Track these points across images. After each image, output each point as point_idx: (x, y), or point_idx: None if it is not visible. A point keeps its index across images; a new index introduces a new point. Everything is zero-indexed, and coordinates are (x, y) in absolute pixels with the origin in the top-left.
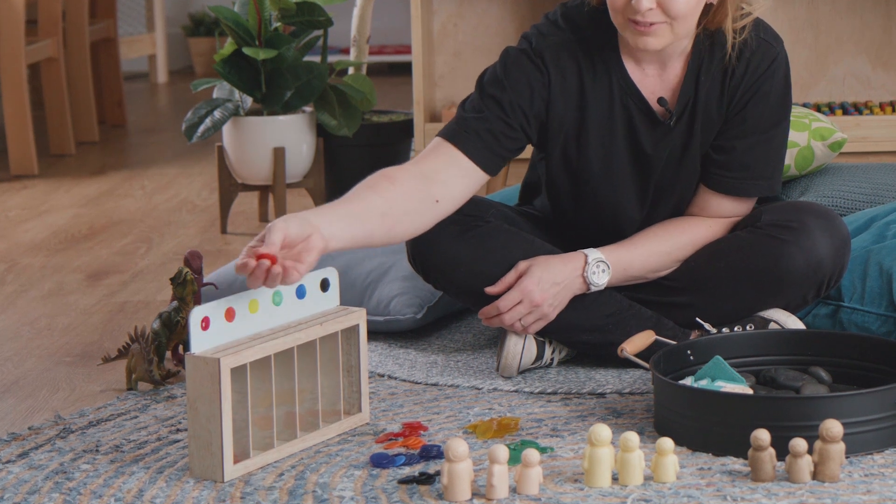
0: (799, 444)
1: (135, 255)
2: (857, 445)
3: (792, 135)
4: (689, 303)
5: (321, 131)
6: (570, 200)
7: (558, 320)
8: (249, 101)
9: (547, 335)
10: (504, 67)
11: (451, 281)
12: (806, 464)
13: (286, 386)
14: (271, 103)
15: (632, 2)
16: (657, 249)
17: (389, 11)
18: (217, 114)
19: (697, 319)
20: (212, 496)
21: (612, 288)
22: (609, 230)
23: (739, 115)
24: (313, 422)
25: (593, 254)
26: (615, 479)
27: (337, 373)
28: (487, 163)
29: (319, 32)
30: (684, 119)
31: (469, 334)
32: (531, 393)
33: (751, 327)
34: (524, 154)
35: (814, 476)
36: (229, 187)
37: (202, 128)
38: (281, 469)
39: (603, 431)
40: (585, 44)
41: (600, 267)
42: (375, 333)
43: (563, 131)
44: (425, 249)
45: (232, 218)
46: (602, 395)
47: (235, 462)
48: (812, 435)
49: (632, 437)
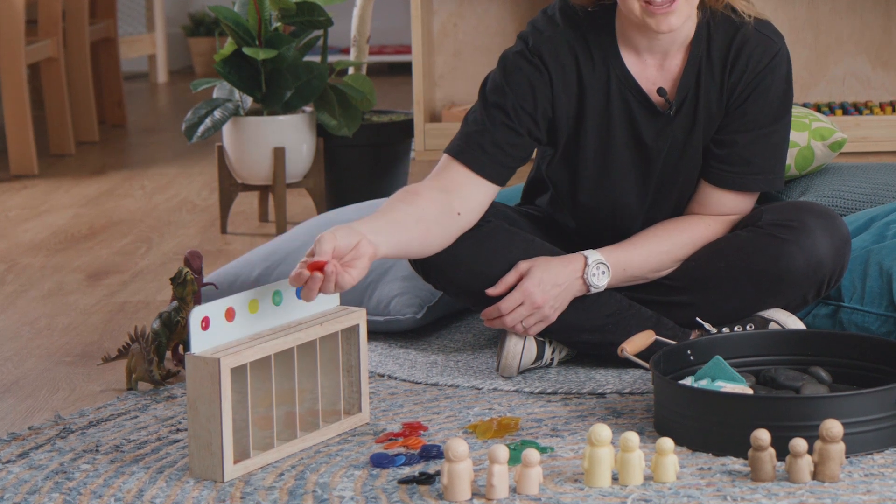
0: (799, 444)
1: (135, 255)
2: (857, 445)
3: (792, 135)
4: (690, 302)
5: (321, 131)
6: (571, 194)
7: (559, 320)
8: (249, 101)
9: (547, 335)
10: (504, 73)
11: (451, 281)
12: (806, 464)
13: (286, 386)
14: (271, 103)
15: None
16: (657, 249)
17: (389, 11)
18: (217, 114)
19: (697, 319)
20: (212, 496)
21: (613, 288)
22: (611, 226)
23: (740, 110)
24: (313, 422)
25: (593, 255)
26: (615, 479)
27: (337, 373)
28: (495, 175)
29: (319, 32)
30: (685, 110)
31: (469, 334)
32: (531, 393)
33: (751, 327)
34: None
35: (814, 476)
36: (229, 187)
37: (202, 128)
38: (281, 469)
39: (603, 431)
40: (583, 37)
41: (600, 269)
42: (375, 333)
43: (569, 124)
44: None
45: (232, 218)
46: (602, 395)
47: (235, 462)
48: (812, 435)
49: (632, 437)
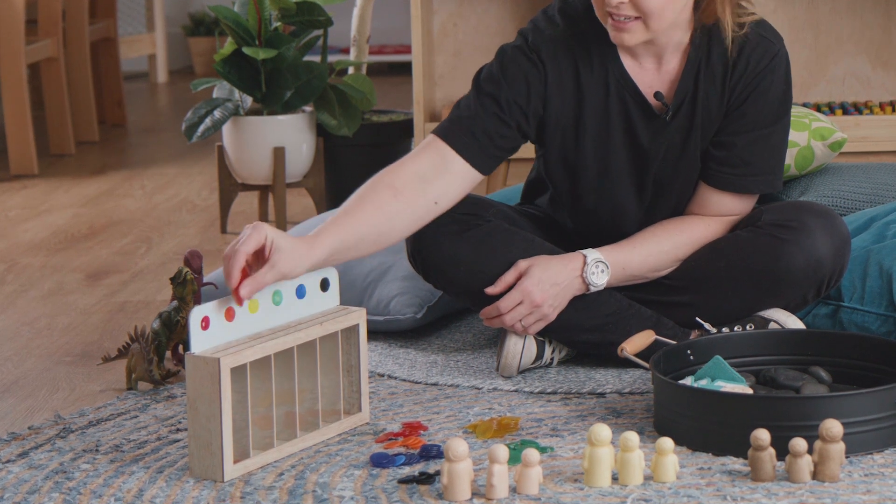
0: (799, 444)
1: (135, 255)
2: (857, 445)
3: (792, 135)
4: (689, 302)
5: (321, 131)
6: (569, 196)
7: (558, 320)
8: (249, 101)
9: (547, 335)
10: (500, 65)
11: (451, 280)
12: (806, 464)
13: (286, 386)
14: (271, 103)
15: None
16: (656, 249)
17: (389, 11)
18: (217, 113)
19: (697, 319)
20: (212, 496)
21: (612, 287)
22: (609, 227)
23: (739, 111)
24: (313, 421)
25: (592, 254)
26: (615, 479)
27: (337, 372)
28: (480, 163)
29: (319, 32)
30: (683, 114)
31: (469, 334)
32: (531, 393)
33: (751, 327)
34: (526, 153)
35: (814, 476)
36: (229, 187)
37: (202, 127)
38: (281, 469)
39: (603, 431)
40: (582, 38)
41: (599, 267)
42: (375, 333)
43: (561, 126)
44: (425, 248)
45: (232, 218)
46: (602, 395)
47: (235, 462)
48: (812, 435)
49: (632, 437)
